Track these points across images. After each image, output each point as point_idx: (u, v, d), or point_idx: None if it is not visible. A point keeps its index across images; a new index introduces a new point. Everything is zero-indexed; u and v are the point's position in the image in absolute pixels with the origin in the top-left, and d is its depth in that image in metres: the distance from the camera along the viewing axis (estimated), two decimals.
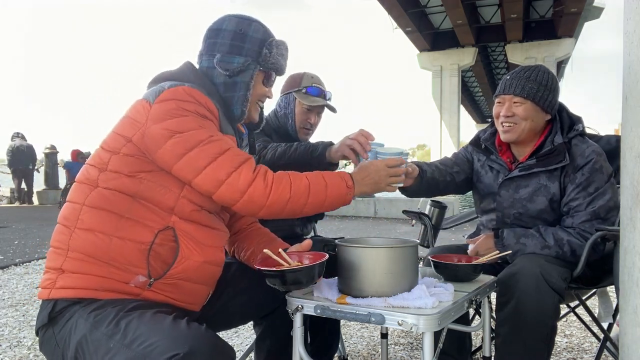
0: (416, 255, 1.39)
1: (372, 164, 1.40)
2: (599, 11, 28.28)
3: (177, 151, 1.21)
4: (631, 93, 1.34)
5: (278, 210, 1.27)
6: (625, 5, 1.35)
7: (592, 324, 2.17)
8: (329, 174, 1.34)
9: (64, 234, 1.22)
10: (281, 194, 1.25)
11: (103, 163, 1.26)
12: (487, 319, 1.60)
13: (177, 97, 1.25)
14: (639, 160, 1.30)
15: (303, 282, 1.26)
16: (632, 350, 1.34)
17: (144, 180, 1.24)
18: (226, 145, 1.25)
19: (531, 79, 1.78)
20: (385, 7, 26.41)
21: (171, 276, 1.24)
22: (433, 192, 1.98)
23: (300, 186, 1.28)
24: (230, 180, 1.21)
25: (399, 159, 1.43)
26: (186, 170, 1.22)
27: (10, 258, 5.16)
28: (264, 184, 1.24)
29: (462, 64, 31.98)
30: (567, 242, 1.71)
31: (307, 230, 2.15)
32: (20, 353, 2.53)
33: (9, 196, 12.62)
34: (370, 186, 1.38)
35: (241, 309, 1.51)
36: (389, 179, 1.40)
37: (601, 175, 1.73)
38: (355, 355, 2.47)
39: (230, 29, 1.41)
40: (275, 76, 1.52)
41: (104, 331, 1.09)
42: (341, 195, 1.32)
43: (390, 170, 1.40)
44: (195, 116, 1.25)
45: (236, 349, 2.56)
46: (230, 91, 1.41)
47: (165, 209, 1.25)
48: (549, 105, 1.79)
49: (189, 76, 1.38)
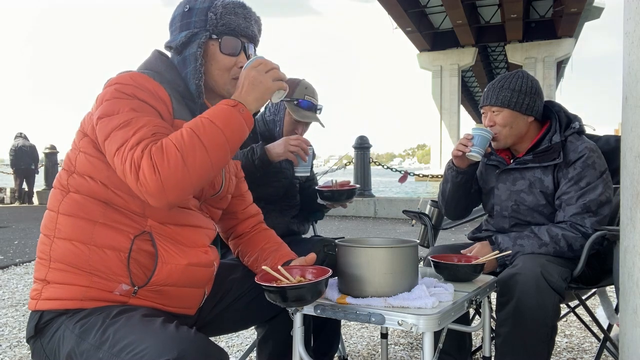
0: (416, 255, 1.39)
1: (239, 77, 1.23)
2: (599, 11, 28.30)
3: (101, 137, 1.14)
4: (631, 93, 1.34)
5: (182, 178, 1.08)
6: (625, 5, 1.35)
7: (592, 324, 2.17)
8: (206, 111, 1.17)
9: (45, 244, 1.19)
10: (169, 159, 1.07)
11: (71, 165, 1.21)
12: (487, 319, 1.60)
13: (119, 82, 1.18)
14: (639, 160, 1.30)
15: (306, 299, 1.20)
16: (632, 350, 1.34)
17: (109, 187, 1.18)
18: (136, 126, 1.11)
19: (504, 87, 1.85)
20: (385, 7, 26.41)
21: (155, 283, 1.19)
22: (466, 205, 2.09)
23: (184, 138, 1.10)
24: (126, 165, 1.08)
25: (260, 59, 1.25)
26: (109, 160, 1.13)
27: (10, 258, 5.15)
28: (150, 161, 1.07)
29: (462, 64, 32.00)
30: (562, 236, 1.74)
31: (305, 229, 2.15)
32: (20, 353, 2.53)
33: (9, 195, 12.62)
34: (256, 90, 1.20)
35: (244, 313, 1.47)
36: (266, 74, 1.21)
37: (593, 170, 1.77)
38: (355, 355, 2.47)
39: (179, 12, 1.33)
40: (242, 42, 1.32)
41: (91, 342, 1.06)
42: (233, 117, 1.15)
43: (259, 68, 1.22)
44: (131, 99, 1.15)
45: (236, 349, 2.57)
46: (183, 68, 1.30)
47: (139, 214, 1.19)
48: (527, 109, 1.84)
49: (153, 64, 1.31)
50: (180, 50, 1.30)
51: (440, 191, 2.10)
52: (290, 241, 2.03)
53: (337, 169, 9.85)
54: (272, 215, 1.99)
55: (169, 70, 1.30)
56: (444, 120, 32.23)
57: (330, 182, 1.98)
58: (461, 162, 1.91)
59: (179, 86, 1.28)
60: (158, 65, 1.30)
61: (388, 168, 9.68)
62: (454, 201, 2.05)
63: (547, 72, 28.84)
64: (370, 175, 8.78)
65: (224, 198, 1.43)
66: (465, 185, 1.99)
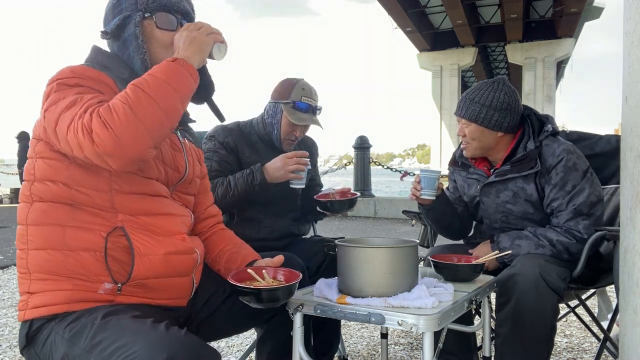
0: (416, 255, 1.39)
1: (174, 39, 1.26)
2: (599, 11, 28.30)
3: (51, 125, 1.12)
4: (631, 93, 1.34)
5: (135, 129, 1.07)
6: (625, 5, 1.35)
7: (592, 324, 2.17)
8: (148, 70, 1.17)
9: (22, 258, 1.20)
10: (118, 113, 1.06)
11: (31, 174, 1.20)
12: (487, 319, 1.60)
13: (60, 77, 1.17)
14: (639, 160, 1.30)
15: (280, 299, 1.23)
16: (632, 350, 1.34)
17: (71, 186, 1.17)
18: (82, 102, 1.11)
19: (475, 101, 1.81)
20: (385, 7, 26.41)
21: (138, 277, 1.18)
22: (463, 223, 2.04)
23: (129, 93, 1.09)
24: (79, 134, 1.07)
25: (186, 24, 1.28)
26: (64, 146, 1.11)
27: (10, 258, 5.15)
28: (99, 120, 1.06)
29: (462, 64, 31.99)
30: (557, 241, 1.73)
31: (305, 229, 2.13)
32: (20, 353, 2.53)
33: (9, 195, 12.54)
34: (191, 46, 1.21)
35: (242, 312, 1.44)
36: (198, 31, 1.23)
37: (575, 172, 1.75)
38: (355, 355, 2.47)
39: (109, 5, 1.35)
40: (177, 18, 1.34)
41: (82, 346, 1.06)
42: (174, 68, 1.15)
43: (191, 26, 1.25)
44: (75, 88, 1.15)
45: (236, 349, 2.56)
46: (124, 51, 1.30)
47: (108, 210, 1.18)
48: (495, 125, 1.80)
49: (94, 58, 1.31)
50: (117, 35, 1.31)
51: (429, 228, 2.12)
52: (290, 242, 2.03)
53: (337, 169, 9.86)
54: (270, 218, 1.97)
55: (110, 61, 1.30)
56: (444, 120, 32.23)
57: (329, 190, 1.95)
58: (422, 202, 1.88)
59: (122, 74, 1.28)
60: (98, 58, 1.31)
61: (388, 168, 9.68)
62: (445, 228, 2.03)
63: (547, 72, 28.82)
64: (370, 175, 8.78)
65: (192, 182, 1.42)
66: (445, 214, 1.96)
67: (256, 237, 1.92)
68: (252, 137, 2.00)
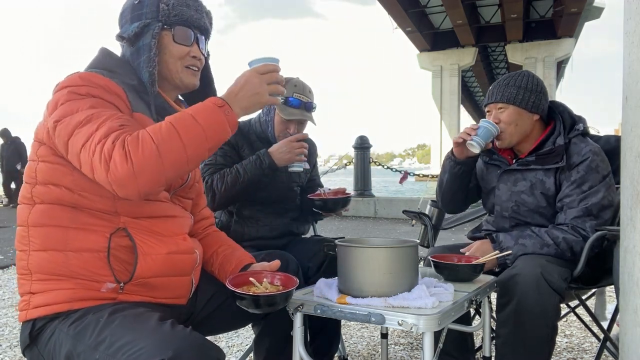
0: (416, 255, 1.39)
1: (242, 75, 1.21)
2: (599, 11, 28.28)
3: (64, 138, 1.11)
4: (631, 93, 1.34)
5: (155, 169, 1.06)
6: (625, 5, 1.35)
7: (592, 324, 2.17)
8: (191, 107, 1.16)
9: (23, 260, 1.20)
10: (144, 149, 1.05)
11: (32, 176, 1.19)
12: (487, 319, 1.60)
13: (70, 84, 1.16)
14: (639, 160, 1.30)
15: (277, 305, 1.23)
16: (632, 350, 1.34)
17: (74, 191, 1.16)
18: (99, 121, 1.09)
19: (510, 85, 1.84)
20: (385, 7, 26.41)
21: (140, 276, 1.18)
22: (464, 199, 2.07)
23: (162, 131, 1.08)
24: (95, 158, 1.06)
25: (272, 65, 1.22)
26: (74, 159, 1.11)
27: (10, 258, 5.15)
28: (122, 150, 1.05)
29: (462, 64, 31.98)
30: (563, 239, 1.73)
31: (305, 229, 2.14)
32: (20, 353, 2.53)
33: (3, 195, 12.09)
34: (249, 99, 1.18)
35: (242, 311, 1.47)
36: (267, 86, 1.19)
37: (596, 174, 1.75)
38: (355, 355, 2.47)
39: (129, 4, 1.33)
40: (194, 33, 1.33)
41: (87, 343, 1.06)
42: (216, 117, 1.13)
43: (264, 76, 1.19)
44: (87, 98, 1.14)
45: (236, 349, 2.56)
46: (136, 59, 1.29)
47: (110, 213, 1.18)
48: (532, 106, 1.83)
49: (102, 62, 1.30)
50: (133, 42, 1.29)
51: (438, 182, 2.10)
52: (290, 241, 2.03)
53: (337, 169, 9.85)
54: (269, 217, 1.98)
55: (119, 67, 1.29)
56: (444, 120, 32.23)
57: (323, 190, 1.95)
58: (460, 151, 1.89)
59: (132, 80, 1.27)
60: (107, 63, 1.29)
61: (388, 168, 9.68)
62: (450, 192, 2.03)
63: (547, 72, 28.82)
64: (370, 175, 8.78)
65: (193, 187, 1.43)
66: (462, 177, 1.97)
67: (255, 235, 1.94)
68: (250, 137, 2.01)
